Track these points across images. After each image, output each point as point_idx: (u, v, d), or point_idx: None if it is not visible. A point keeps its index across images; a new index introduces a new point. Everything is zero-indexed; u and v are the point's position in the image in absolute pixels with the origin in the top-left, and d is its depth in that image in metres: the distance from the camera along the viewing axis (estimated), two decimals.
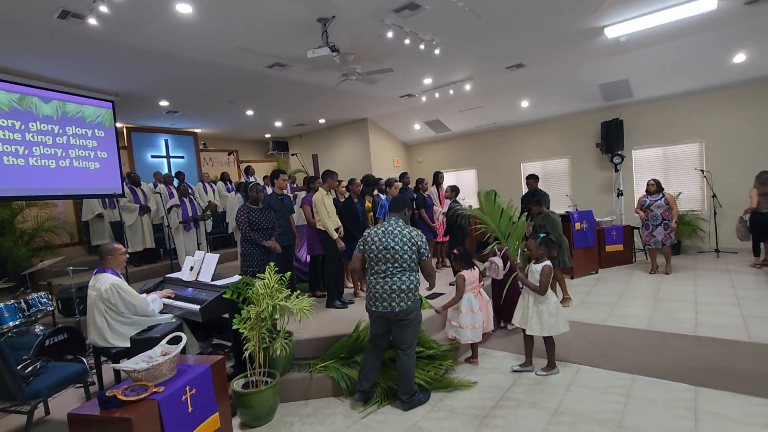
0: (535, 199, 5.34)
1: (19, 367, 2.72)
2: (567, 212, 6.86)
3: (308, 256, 5.29)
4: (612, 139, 8.19)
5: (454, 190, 5.99)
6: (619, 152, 8.19)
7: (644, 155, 8.34)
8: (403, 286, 2.98)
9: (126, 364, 2.33)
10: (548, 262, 3.47)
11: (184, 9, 4.06)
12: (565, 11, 4.83)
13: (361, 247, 3.13)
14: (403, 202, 3.25)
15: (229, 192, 8.63)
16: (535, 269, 3.47)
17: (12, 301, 3.64)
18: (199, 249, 6.60)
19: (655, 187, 6.38)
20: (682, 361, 3.48)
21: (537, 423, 2.81)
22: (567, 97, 8.25)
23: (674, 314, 4.63)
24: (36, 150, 5.54)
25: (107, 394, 2.14)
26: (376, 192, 6.16)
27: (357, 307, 4.51)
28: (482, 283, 4.04)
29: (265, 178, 8.68)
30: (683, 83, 7.33)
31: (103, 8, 3.70)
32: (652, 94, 7.78)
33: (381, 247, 3.01)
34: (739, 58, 6.41)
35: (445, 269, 6.16)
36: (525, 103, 8.69)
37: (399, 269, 2.99)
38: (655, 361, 3.53)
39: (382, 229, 3.09)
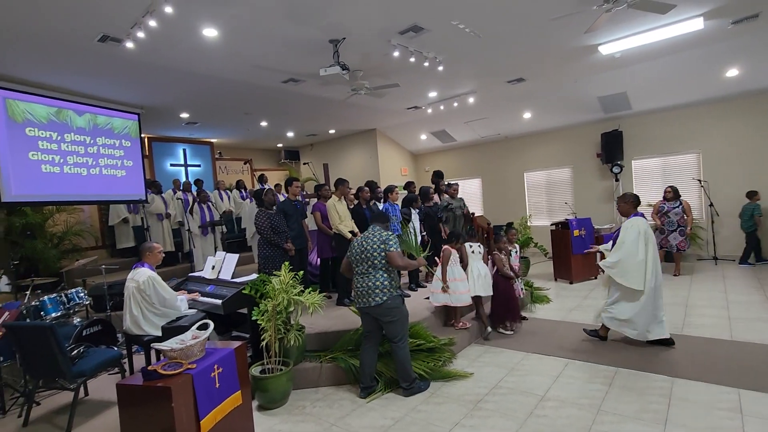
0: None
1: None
2: (566, 220, 7.14)
3: (318, 260, 5.65)
4: (612, 150, 8.48)
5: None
6: (619, 162, 8.46)
7: (643, 165, 8.60)
8: (377, 283, 3.35)
9: (163, 345, 2.70)
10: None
11: (210, 33, 4.50)
12: (558, 31, 5.18)
13: (348, 254, 3.59)
14: (384, 217, 3.72)
15: (244, 199, 9.05)
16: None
17: (54, 295, 4.06)
18: (216, 252, 7.01)
19: (672, 194, 6.77)
20: (664, 356, 3.75)
21: (525, 407, 3.11)
22: (567, 109, 8.58)
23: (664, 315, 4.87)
24: (70, 159, 6.03)
25: (148, 369, 2.51)
26: (373, 201, 6.42)
27: None
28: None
29: (276, 185, 9.10)
30: (679, 96, 7.61)
31: (140, 33, 4.15)
32: (649, 106, 8.06)
33: (361, 250, 3.46)
34: (732, 72, 6.69)
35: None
36: (527, 115, 9.02)
37: (372, 268, 3.39)
38: (638, 356, 3.80)
39: (363, 236, 3.56)
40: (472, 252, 4.73)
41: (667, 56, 6.42)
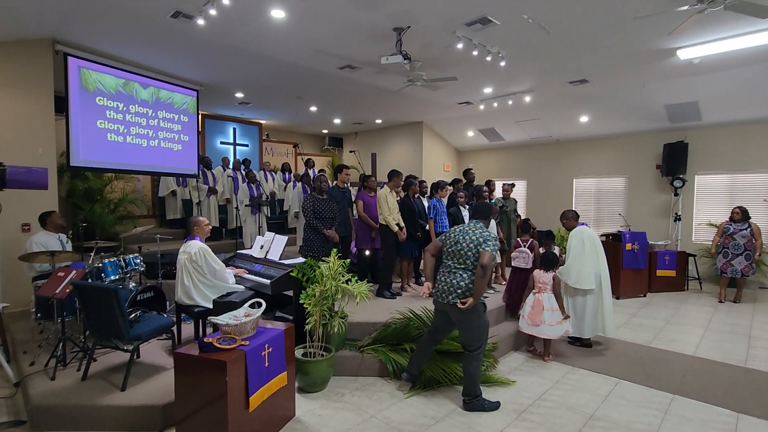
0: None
1: None
2: (619, 232, 6.80)
3: (356, 249, 5.61)
4: (674, 162, 7.97)
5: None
6: (681, 176, 7.94)
7: (708, 181, 8.03)
8: (462, 283, 3.10)
9: (219, 319, 2.75)
10: None
11: (278, 14, 4.52)
12: (637, 31, 4.86)
13: (443, 238, 3.37)
14: (488, 210, 3.48)
15: (287, 182, 9.18)
16: None
17: (114, 259, 4.25)
18: (260, 232, 7.18)
19: (740, 216, 6.30)
20: (727, 388, 3.49)
21: (573, 423, 2.97)
22: (629, 116, 8.11)
23: (724, 344, 4.56)
24: (133, 129, 6.28)
25: (205, 341, 2.57)
26: (417, 196, 6.25)
27: (404, 299, 4.81)
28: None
29: (320, 171, 9.17)
30: (760, 109, 7.01)
31: (212, 11, 4.22)
32: (723, 118, 7.49)
33: (454, 243, 3.22)
34: None
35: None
36: (584, 119, 8.61)
37: (462, 267, 3.16)
38: (698, 385, 3.56)
39: (462, 228, 3.29)
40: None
41: (753, 65, 5.91)
